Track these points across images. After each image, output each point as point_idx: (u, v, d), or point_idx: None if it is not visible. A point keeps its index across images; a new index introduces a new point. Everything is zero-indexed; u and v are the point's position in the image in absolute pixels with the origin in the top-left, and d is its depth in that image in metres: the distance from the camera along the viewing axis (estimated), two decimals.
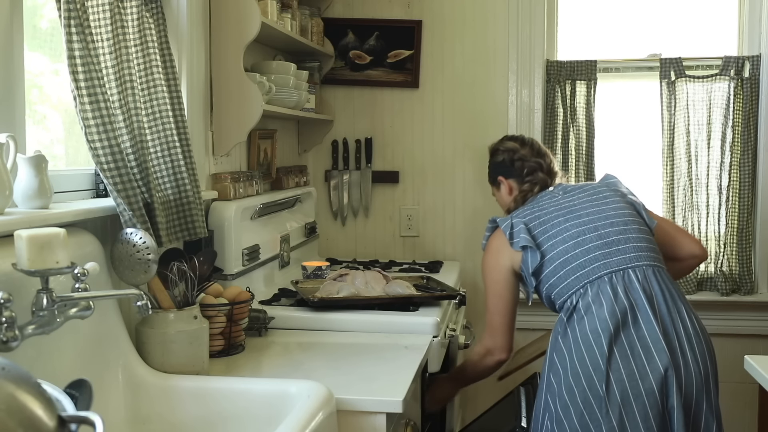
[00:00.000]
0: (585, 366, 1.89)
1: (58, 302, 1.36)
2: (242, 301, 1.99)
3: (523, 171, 2.28)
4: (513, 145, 2.33)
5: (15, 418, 0.81)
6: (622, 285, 1.95)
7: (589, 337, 1.90)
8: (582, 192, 2.17)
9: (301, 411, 1.44)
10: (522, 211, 2.15)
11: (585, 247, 2.01)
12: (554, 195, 2.19)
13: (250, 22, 2.36)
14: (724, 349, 3.27)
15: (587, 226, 2.04)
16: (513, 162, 2.30)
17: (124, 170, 1.71)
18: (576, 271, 1.99)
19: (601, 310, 1.91)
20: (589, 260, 1.99)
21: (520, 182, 2.28)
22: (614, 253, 2.00)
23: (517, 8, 3.29)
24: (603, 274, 1.97)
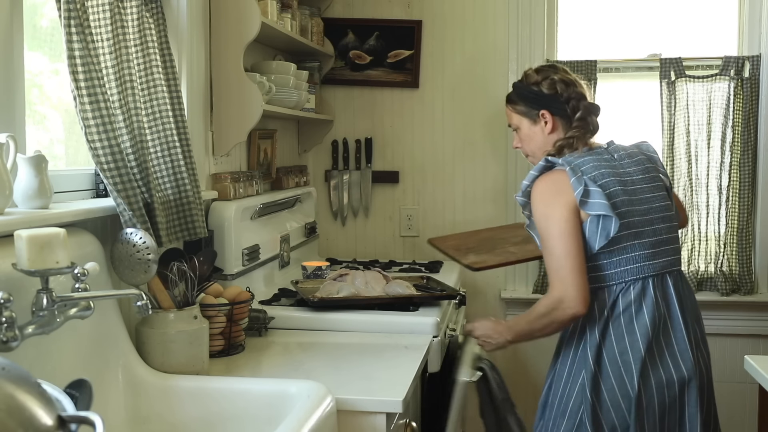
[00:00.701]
0: (617, 368, 1.84)
1: (58, 302, 1.36)
2: (242, 301, 1.99)
3: (576, 113, 1.98)
4: (570, 79, 2.01)
5: (15, 418, 0.81)
6: (661, 290, 1.88)
7: (625, 340, 1.84)
8: (636, 165, 1.95)
9: (301, 411, 1.44)
10: (588, 167, 1.87)
11: (641, 240, 1.88)
12: (611, 158, 1.94)
13: (250, 22, 2.36)
14: (724, 349, 3.27)
15: (645, 217, 1.89)
16: (569, 99, 1.99)
17: (124, 170, 1.71)
18: (627, 264, 1.87)
19: (642, 315, 1.85)
20: (641, 257, 1.87)
21: (568, 125, 1.99)
22: (660, 254, 1.90)
23: (517, 8, 3.29)
24: (648, 275, 1.87)
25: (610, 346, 1.85)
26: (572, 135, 1.96)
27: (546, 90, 1.99)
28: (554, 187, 1.86)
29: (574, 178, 1.84)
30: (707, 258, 3.27)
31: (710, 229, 3.26)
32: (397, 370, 1.80)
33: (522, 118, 2.04)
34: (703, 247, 3.27)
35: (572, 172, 1.84)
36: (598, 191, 1.82)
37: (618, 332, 1.85)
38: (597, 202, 1.81)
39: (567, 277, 1.82)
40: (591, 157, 1.91)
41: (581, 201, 1.82)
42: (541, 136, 2.02)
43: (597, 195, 1.82)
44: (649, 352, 1.84)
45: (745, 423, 3.27)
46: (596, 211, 1.81)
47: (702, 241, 3.26)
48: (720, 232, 3.25)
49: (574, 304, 1.81)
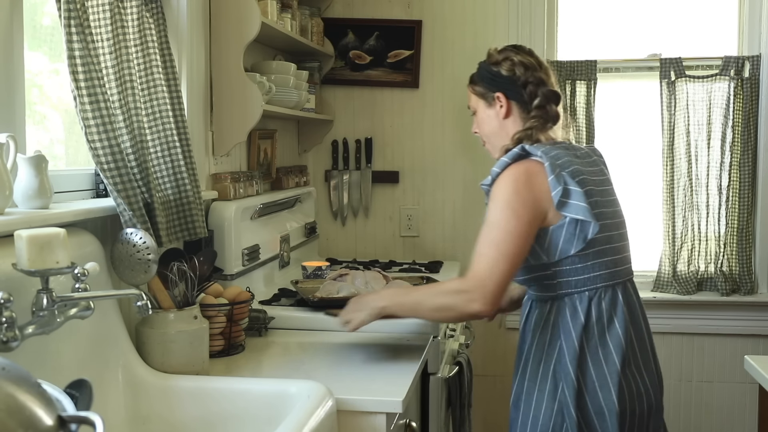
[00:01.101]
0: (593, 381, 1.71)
1: (58, 302, 1.36)
2: (242, 301, 1.99)
3: (534, 99, 1.80)
4: (531, 62, 1.82)
5: (15, 418, 0.81)
6: (626, 298, 1.76)
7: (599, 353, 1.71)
8: (595, 165, 1.83)
9: (301, 411, 1.44)
10: (564, 161, 1.71)
11: (612, 245, 1.74)
12: (577, 153, 1.80)
13: (250, 22, 2.36)
14: (724, 349, 3.28)
15: (614, 220, 1.77)
16: (526, 83, 1.81)
17: (124, 170, 1.71)
18: (600, 269, 1.72)
19: (614, 325, 1.72)
20: (612, 262, 1.74)
21: (525, 113, 1.82)
22: (623, 261, 1.79)
23: (517, 8, 3.29)
24: (617, 282, 1.75)
25: (585, 358, 1.70)
26: (531, 126, 1.79)
27: (504, 71, 1.83)
28: (529, 179, 1.68)
29: (553, 176, 1.67)
30: (707, 258, 3.27)
31: (710, 229, 3.26)
32: (397, 370, 1.80)
33: (479, 100, 1.89)
34: (703, 247, 3.27)
35: (551, 169, 1.67)
36: (579, 192, 1.67)
37: (592, 343, 1.71)
38: (577, 204, 1.66)
39: (496, 275, 1.64)
40: (564, 152, 1.74)
41: (560, 202, 1.66)
42: (496, 120, 1.84)
43: (577, 196, 1.67)
44: (626, 363, 1.71)
45: (745, 423, 3.27)
46: (575, 214, 1.66)
47: (702, 241, 3.26)
48: (720, 232, 3.25)
49: (486, 302, 1.64)
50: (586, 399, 1.70)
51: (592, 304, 1.71)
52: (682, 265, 3.27)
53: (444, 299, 1.72)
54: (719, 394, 3.31)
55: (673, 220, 3.25)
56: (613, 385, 1.69)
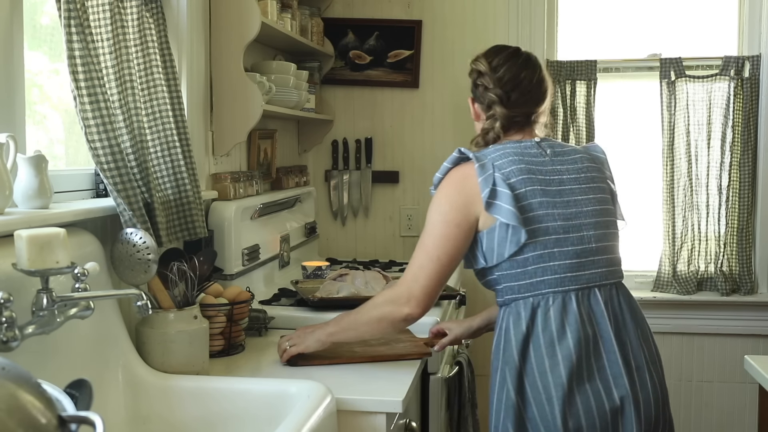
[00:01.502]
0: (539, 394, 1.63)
1: (58, 302, 1.36)
2: (242, 301, 1.99)
3: (484, 100, 1.82)
4: (484, 66, 1.83)
5: (15, 418, 0.81)
6: (587, 306, 1.65)
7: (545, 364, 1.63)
8: (572, 164, 1.76)
9: (301, 411, 1.44)
10: (503, 162, 1.69)
11: (564, 249, 1.66)
12: (539, 153, 1.74)
13: (250, 22, 2.36)
14: (724, 349, 3.28)
15: (572, 222, 1.68)
16: (477, 86, 1.85)
17: (124, 170, 1.71)
18: (545, 274, 1.65)
19: (565, 335, 1.62)
20: (563, 267, 1.65)
21: (485, 112, 1.84)
22: (588, 265, 1.67)
23: (517, 8, 3.29)
24: (571, 289, 1.65)
25: (531, 370, 1.64)
26: (484, 127, 1.82)
27: (471, 76, 1.88)
28: (461, 182, 1.70)
29: (483, 177, 1.66)
30: (707, 258, 3.27)
31: (710, 229, 3.26)
32: (397, 370, 1.80)
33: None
34: (703, 247, 3.27)
35: (481, 169, 1.67)
36: (507, 194, 1.63)
37: (538, 353, 1.63)
38: (504, 207, 1.63)
39: (421, 278, 1.67)
40: (510, 151, 1.72)
41: (487, 203, 1.64)
42: (475, 123, 1.89)
43: (505, 198, 1.63)
44: (575, 377, 1.61)
45: (745, 423, 3.27)
46: (502, 217, 1.63)
47: (702, 241, 3.26)
48: (720, 232, 3.25)
49: (414, 304, 1.67)
50: (534, 411, 1.63)
51: (538, 311, 1.65)
52: (682, 265, 3.27)
53: (376, 311, 1.73)
54: (719, 394, 3.31)
55: (673, 220, 3.25)
56: (557, 399, 1.60)
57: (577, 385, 1.61)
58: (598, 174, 1.79)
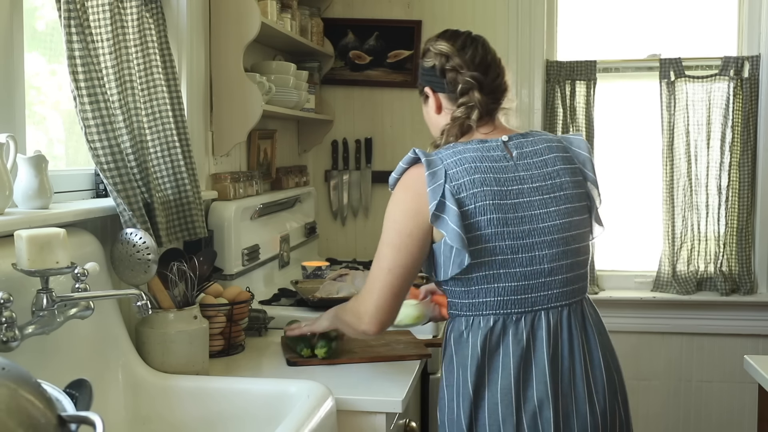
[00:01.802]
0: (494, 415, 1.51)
1: (58, 302, 1.36)
2: (242, 301, 1.99)
3: (456, 86, 1.64)
4: (447, 48, 1.66)
5: (15, 418, 0.81)
6: (528, 331, 1.53)
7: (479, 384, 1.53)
8: (538, 168, 1.59)
9: (301, 411, 1.44)
10: (458, 171, 1.54)
11: (511, 270, 1.53)
12: (503, 156, 1.58)
13: (250, 22, 2.36)
14: (724, 349, 3.28)
15: (523, 242, 1.53)
16: (444, 71, 1.66)
17: (124, 170, 1.71)
18: (488, 296, 1.53)
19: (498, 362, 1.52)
20: (507, 290, 1.53)
21: (453, 101, 1.66)
22: (537, 287, 1.54)
23: (517, 8, 3.29)
24: (513, 312, 1.53)
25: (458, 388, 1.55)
26: (456, 116, 1.64)
27: (427, 63, 1.70)
28: (411, 189, 1.57)
29: (432, 186, 1.52)
30: (707, 258, 3.27)
31: (710, 229, 3.26)
32: (397, 370, 1.80)
33: (421, 97, 1.77)
34: (703, 247, 3.27)
35: (431, 178, 1.53)
36: (454, 211, 1.49)
37: (474, 373, 1.53)
38: (450, 226, 1.50)
39: (374, 291, 1.57)
40: (472, 155, 1.56)
41: (434, 215, 1.51)
42: (434, 117, 1.72)
43: (452, 215, 1.50)
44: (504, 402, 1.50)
45: (745, 423, 3.27)
46: (447, 237, 1.50)
47: (701, 241, 3.26)
48: (719, 232, 3.25)
49: (367, 321, 1.58)
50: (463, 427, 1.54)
51: (478, 332, 1.53)
52: (681, 265, 3.27)
53: (346, 317, 1.69)
54: (719, 394, 3.31)
55: (672, 220, 3.25)
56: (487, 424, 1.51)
57: (505, 410, 1.50)
58: (571, 177, 1.62)
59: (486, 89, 1.63)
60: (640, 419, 3.35)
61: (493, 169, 1.55)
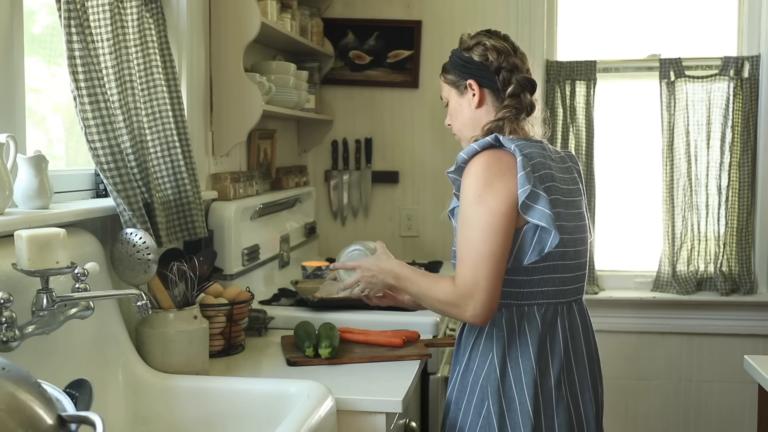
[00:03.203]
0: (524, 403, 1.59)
1: (58, 302, 1.36)
2: (242, 301, 1.99)
3: (507, 86, 1.65)
4: (504, 47, 1.67)
5: (15, 418, 0.81)
6: (568, 320, 1.65)
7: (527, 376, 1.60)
8: (567, 173, 1.69)
9: (301, 411, 1.44)
10: (536, 162, 1.58)
11: (565, 262, 1.63)
12: (551, 157, 1.66)
13: (250, 22, 2.36)
14: (724, 349, 3.28)
15: (575, 236, 1.64)
16: (500, 69, 1.66)
17: (124, 170, 1.71)
18: (546, 285, 1.61)
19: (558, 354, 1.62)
20: (559, 280, 1.62)
21: (499, 101, 1.67)
22: (575, 279, 1.66)
23: (517, 8, 3.29)
24: (559, 302, 1.63)
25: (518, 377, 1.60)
26: (503, 116, 1.64)
27: (477, 57, 1.68)
28: (499, 168, 1.54)
29: (524, 172, 1.52)
30: (707, 258, 3.27)
31: (710, 229, 3.26)
32: (397, 370, 1.80)
33: (451, 89, 1.75)
34: (703, 247, 3.27)
35: (523, 164, 1.53)
36: (544, 197, 1.53)
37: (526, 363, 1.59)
38: (541, 210, 1.52)
39: (482, 281, 1.52)
40: (538, 151, 1.61)
41: (524, 203, 1.52)
42: (468, 110, 1.70)
43: (543, 201, 1.53)
44: (558, 391, 1.61)
45: (745, 423, 3.27)
46: (538, 220, 1.52)
47: (702, 241, 3.26)
48: (719, 232, 3.25)
49: (479, 313, 1.54)
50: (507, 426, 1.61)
51: (528, 320, 1.61)
52: (681, 265, 3.27)
53: (439, 306, 1.62)
54: (719, 394, 3.31)
55: (672, 220, 3.25)
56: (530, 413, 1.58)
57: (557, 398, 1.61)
58: (581, 186, 1.74)
59: (533, 93, 1.68)
60: (640, 419, 3.35)
61: (551, 166, 1.63)
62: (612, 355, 3.23)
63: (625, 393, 3.33)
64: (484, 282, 1.53)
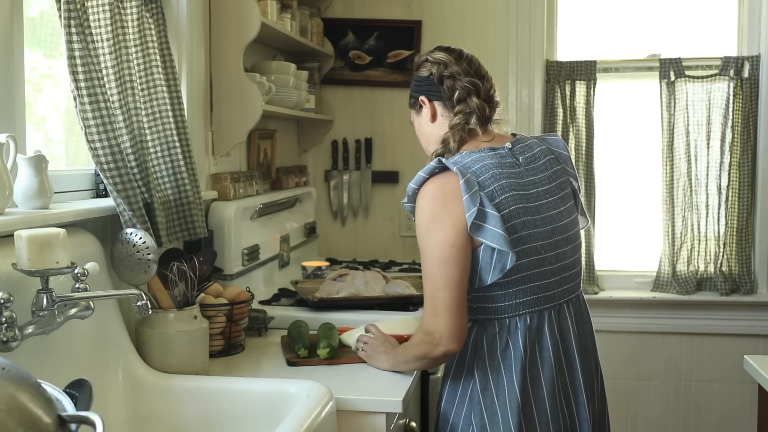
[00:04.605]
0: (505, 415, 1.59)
1: (58, 302, 1.36)
2: (242, 301, 1.99)
3: (453, 93, 1.68)
4: (445, 57, 1.71)
5: (15, 418, 0.81)
6: (557, 324, 1.64)
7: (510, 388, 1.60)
8: (542, 171, 1.67)
9: (301, 411, 1.44)
10: (486, 178, 1.58)
11: (543, 269, 1.61)
12: (514, 162, 1.64)
13: (250, 22, 2.36)
14: (724, 349, 3.28)
15: (549, 241, 1.62)
16: (442, 78, 1.70)
17: (124, 170, 1.71)
18: (524, 295, 1.60)
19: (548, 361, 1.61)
20: (540, 287, 1.61)
21: (450, 109, 1.70)
22: (562, 282, 1.65)
23: (517, 8, 3.29)
24: (543, 308, 1.62)
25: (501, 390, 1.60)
26: (455, 123, 1.67)
27: (424, 73, 1.73)
28: (444, 196, 1.57)
29: (468, 195, 1.53)
30: (707, 258, 3.27)
31: (710, 229, 3.26)
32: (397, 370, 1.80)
33: (412, 112, 1.80)
34: (703, 247, 3.27)
35: (466, 186, 1.54)
36: (495, 216, 1.53)
37: (508, 375, 1.60)
38: (492, 230, 1.53)
39: (440, 311, 1.55)
40: (491, 162, 1.61)
41: (473, 225, 1.52)
42: (427, 126, 1.75)
43: (493, 221, 1.53)
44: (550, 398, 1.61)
45: (745, 423, 3.27)
46: (490, 241, 1.53)
47: (701, 241, 3.26)
48: (719, 232, 3.25)
49: (446, 342, 1.56)
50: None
51: (510, 332, 1.61)
52: (681, 265, 3.27)
53: (416, 350, 1.65)
54: (719, 394, 3.31)
55: (672, 220, 3.25)
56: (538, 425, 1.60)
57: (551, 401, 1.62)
58: (563, 177, 1.71)
59: (483, 95, 1.69)
60: (640, 419, 3.35)
61: (511, 174, 1.61)
62: (612, 355, 3.23)
63: (625, 393, 3.33)
64: (444, 313, 1.55)
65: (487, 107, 1.69)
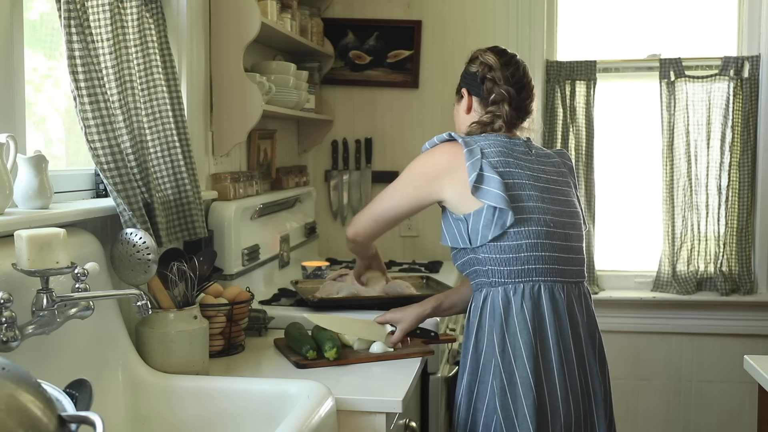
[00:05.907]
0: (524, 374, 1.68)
1: (58, 302, 1.36)
2: (242, 301, 1.99)
3: (490, 95, 1.85)
4: (494, 61, 1.86)
5: (15, 418, 0.81)
6: (569, 300, 1.74)
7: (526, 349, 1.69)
8: (552, 166, 1.84)
9: (301, 411, 1.44)
10: (491, 151, 1.75)
11: (554, 242, 1.73)
12: (527, 152, 1.81)
13: (250, 22, 2.36)
14: (724, 349, 3.28)
15: (558, 219, 1.75)
16: (484, 79, 1.86)
17: (124, 170, 1.71)
18: (537, 262, 1.71)
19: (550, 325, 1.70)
20: (552, 258, 1.72)
21: (483, 107, 1.87)
22: (571, 261, 1.77)
23: (517, 8, 3.29)
24: (555, 281, 1.73)
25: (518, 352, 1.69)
26: (482, 120, 1.84)
27: (473, 68, 1.90)
28: (441, 157, 1.79)
29: (471, 161, 1.71)
30: (707, 258, 3.27)
31: (710, 229, 3.26)
32: (397, 370, 1.80)
33: (456, 97, 1.98)
34: (703, 247, 3.27)
35: (469, 154, 1.72)
36: (496, 179, 1.69)
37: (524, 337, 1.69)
38: (492, 191, 1.68)
39: (361, 222, 1.93)
40: (502, 144, 1.78)
41: (474, 187, 1.69)
42: (461, 114, 1.92)
43: (493, 183, 1.69)
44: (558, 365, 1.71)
45: (745, 423, 3.27)
46: (490, 201, 1.68)
47: (701, 241, 3.26)
48: (719, 232, 3.25)
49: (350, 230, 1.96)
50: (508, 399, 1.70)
51: (525, 296, 1.70)
52: (681, 265, 3.27)
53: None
54: (719, 394, 3.31)
55: (672, 220, 3.25)
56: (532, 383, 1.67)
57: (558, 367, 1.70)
58: (571, 180, 1.87)
59: (515, 105, 1.84)
60: (640, 419, 3.35)
61: (520, 158, 1.78)
62: (612, 355, 3.21)
63: (625, 393, 3.33)
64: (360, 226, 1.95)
65: (516, 116, 1.84)
